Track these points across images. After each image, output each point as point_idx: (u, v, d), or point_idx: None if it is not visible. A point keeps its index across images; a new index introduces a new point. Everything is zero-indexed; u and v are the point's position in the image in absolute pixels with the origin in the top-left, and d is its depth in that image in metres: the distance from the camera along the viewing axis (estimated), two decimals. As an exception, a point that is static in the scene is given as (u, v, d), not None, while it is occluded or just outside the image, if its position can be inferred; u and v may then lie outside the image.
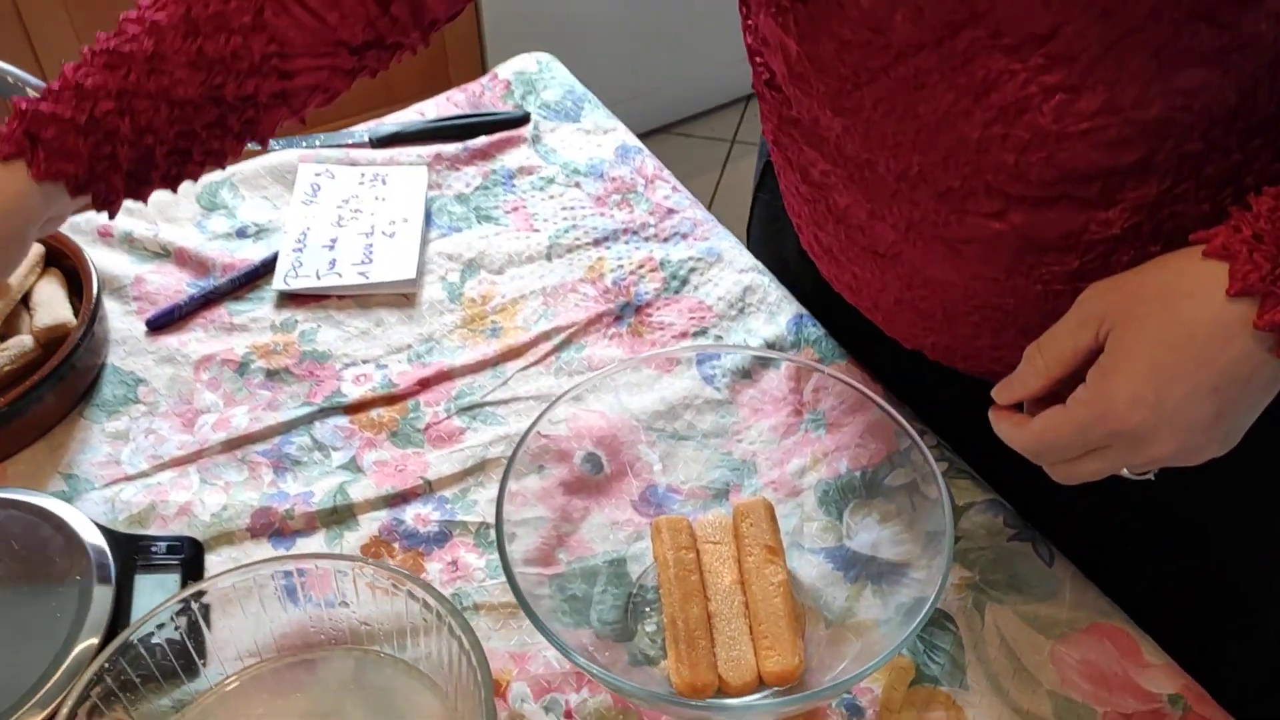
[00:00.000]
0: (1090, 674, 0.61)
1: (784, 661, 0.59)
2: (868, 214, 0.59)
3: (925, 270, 0.59)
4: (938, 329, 0.62)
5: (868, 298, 0.65)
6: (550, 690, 0.61)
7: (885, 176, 0.56)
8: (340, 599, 0.58)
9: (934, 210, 0.55)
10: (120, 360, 0.78)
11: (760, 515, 0.66)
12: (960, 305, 0.59)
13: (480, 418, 0.75)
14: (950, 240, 0.56)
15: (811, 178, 0.62)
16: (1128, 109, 0.48)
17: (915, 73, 0.51)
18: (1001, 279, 0.56)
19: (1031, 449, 0.51)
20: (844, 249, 0.63)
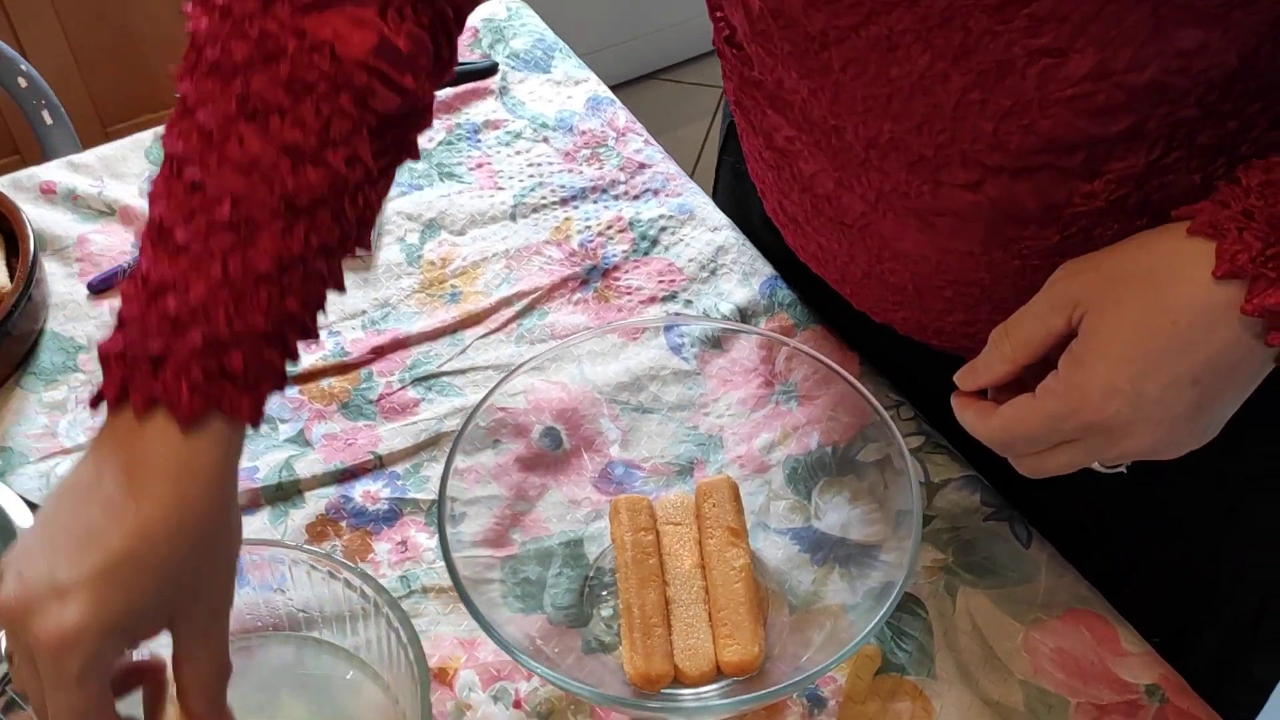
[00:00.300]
0: (1064, 662, 0.59)
1: (743, 651, 0.57)
2: (835, 183, 0.55)
3: (895, 243, 0.55)
4: (908, 304, 0.58)
5: (835, 269, 0.61)
6: (499, 678, 0.59)
7: (854, 144, 0.52)
8: (277, 585, 0.56)
9: (905, 180, 0.51)
10: (60, 325, 0.74)
11: (724, 495, 0.63)
12: (932, 279, 0.55)
13: (436, 388, 0.71)
14: (922, 212, 0.52)
15: (775, 143, 0.58)
16: (1119, 73, 0.44)
17: (888, 33, 0.47)
18: (976, 253, 0.52)
19: (997, 440, 0.48)
20: (810, 218, 0.59)
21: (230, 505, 0.46)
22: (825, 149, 0.54)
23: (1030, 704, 0.57)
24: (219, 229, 0.44)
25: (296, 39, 0.46)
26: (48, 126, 0.96)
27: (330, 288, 0.49)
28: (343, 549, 0.64)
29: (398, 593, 0.62)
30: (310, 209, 0.46)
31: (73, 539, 0.42)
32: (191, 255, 0.44)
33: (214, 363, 0.43)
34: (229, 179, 0.45)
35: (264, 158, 0.45)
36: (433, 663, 0.59)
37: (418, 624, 0.61)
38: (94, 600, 0.40)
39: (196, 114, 0.46)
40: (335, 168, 0.46)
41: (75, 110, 1.85)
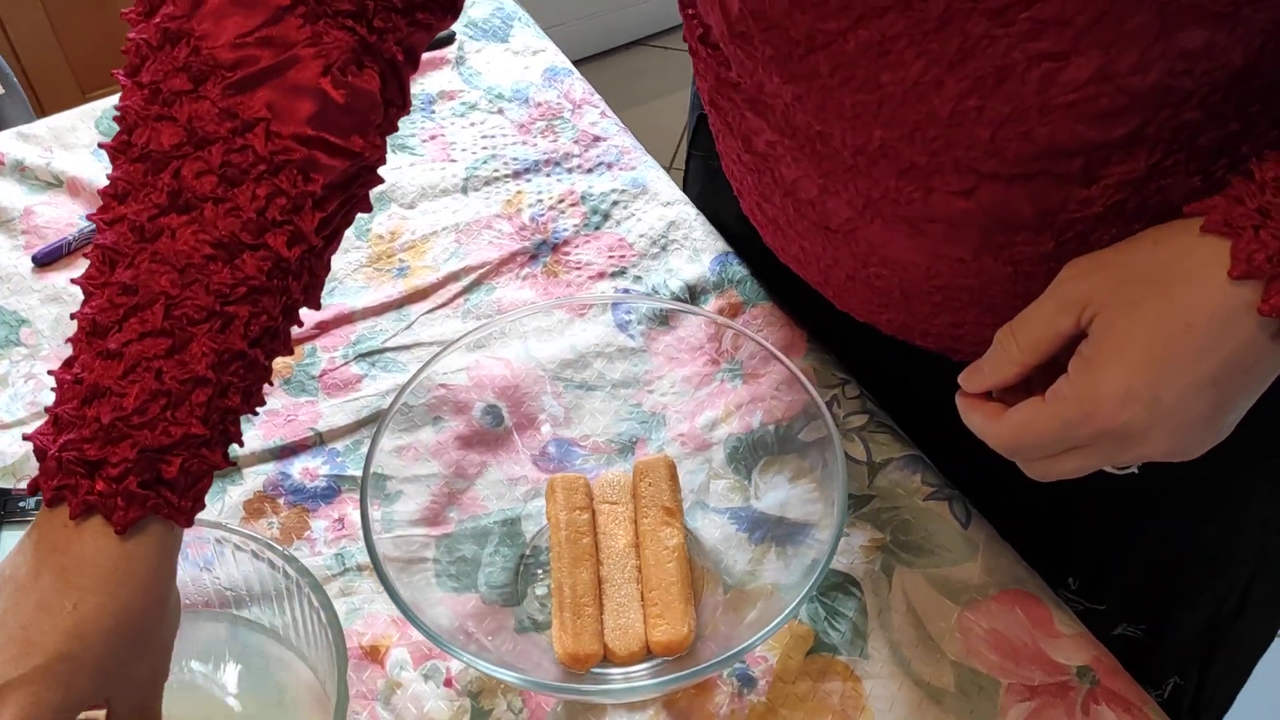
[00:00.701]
0: (997, 644, 0.59)
1: (672, 631, 0.56)
2: (819, 189, 0.53)
3: (883, 249, 0.53)
4: (894, 306, 0.56)
5: (817, 272, 0.59)
6: (430, 657, 0.59)
7: (841, 150, 0.50)
8: (205, 564, 0.56)
9: (895, 187, 0.49)
10: (4, 299, 0.74)
11: (660, 474, 0.62)
12: (920, 284, 0.53)
13: (380, 364, 0.71)
14: (912, 219, 0.50)
15: (755, 147, 0.55)
16: (1122, 76, 0.42)
17: (880, 38, 0.44)
18: (968, 259, 0.50)
19: (1006, 445, 0.46)
20: (792, 221, 0.57)
21: (166, 598, 0.46)
22: (809, 155, 0.51)
23: (961, 684, 0.57)
24: (152, 335, 0.44)
25: (229, 121, 0.44)
26: (0, 97, 0.95)
27: (279, 356, 0.48)
28: (280, 526, 0.64)
29: (332, 570, 0.62)
30: (250, 297, 0.45)
31: (12, 638, 0.43)
32: (125, 361, 0.44)
33: (150, 473, 0.44)
34: (160, 279, 0.44)
35: (196, 254, 0.44)
36: (365, 641, 0.59)
37: (351, 601, 0.61)
38: (31, 699, 0.42)
39: (127, 204, 0.45)
40: (276, 250, 0.45)
41: (53, 77, 1.84)
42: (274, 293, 0.46)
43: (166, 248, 0.44)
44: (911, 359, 0.61)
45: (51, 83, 1.82)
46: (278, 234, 0.45)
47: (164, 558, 0.45)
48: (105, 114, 0.85)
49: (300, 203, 0.46)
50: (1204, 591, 0.67)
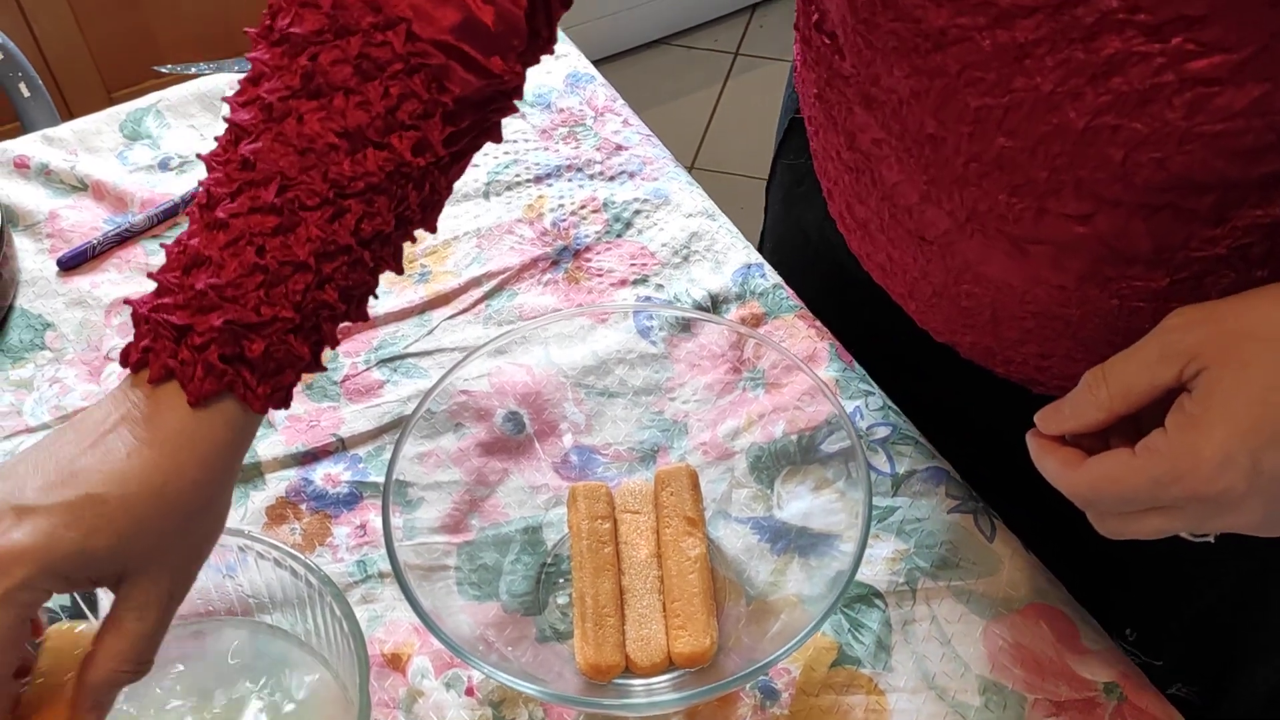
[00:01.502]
0: (1023, 658, 0.58)
1: (694, 643, 0.56)
2: (921, 195, 0.50)
3: (979, 266, 0.50)
4: (980, 328, 0.54)
5: (903, 284, 0.56)
6: (452, 665, 0.58)
7: (953, 157, 0.47)
8: (228, 570, 0.56)
9: (1005, 203, 0.46)
10: (29, 303, 0.74)
11: (682, 483, 0.62)
12: (1013, 308, 0.50)
13: (401, 370, 0.71)
14: (1017, 238, 0.47)
15: (859, 144, 0.53)
16: (1277, 112, 0.39)
17: (1020, 41, 0.42)
18: (1070, 288, 0.48)
19: (1083, 496, 0.44)
20: (884, 227, 0.54)
21: (220, 491, 0.45)
22: (917, 158, 0.49)
23: (986, 699, 0.57)
24: (262, 211, 0.43)
25: (372, 14, 0.44)
26: (25, 99, 0.95)
27: (386, 270, 0.48)
28: (302, 532, 0.64)
29: (354, 577, 0.62)
30: (366, 194, 0.45)
31: (58, 468, 0.41)
32: (230, 233, 0.43)
33: (233, 348, 0.43)
34: (281, 159, 0.44)
35: (320, 140, 0.44)
36: (386, 649, 0.59)
37: (373, 609, 0.61)
38: (48, 529, 0.40)
39: (261, 85, 0.45)
40: (400, 153, 0.45)
41: (79, 76, 1.85)
42: (391, 196, 0.45)
43: (292, 130, 0.44)
44: (983, 392, 0.58)
45: (77, 80, 1.83)
46: (404, 137, 0.45)
47: (231, 439, 0.44)
48: (130, 117, 0.85)
49: (431, 110, 0.45)
50: (1273, 656, 0.65)
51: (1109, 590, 0.62)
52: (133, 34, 1.83)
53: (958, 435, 0.67)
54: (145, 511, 0.41)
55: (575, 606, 0.58)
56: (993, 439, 0.52)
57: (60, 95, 1.83)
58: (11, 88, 0.95)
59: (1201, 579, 0.62)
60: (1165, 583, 0.63)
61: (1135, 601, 0.64)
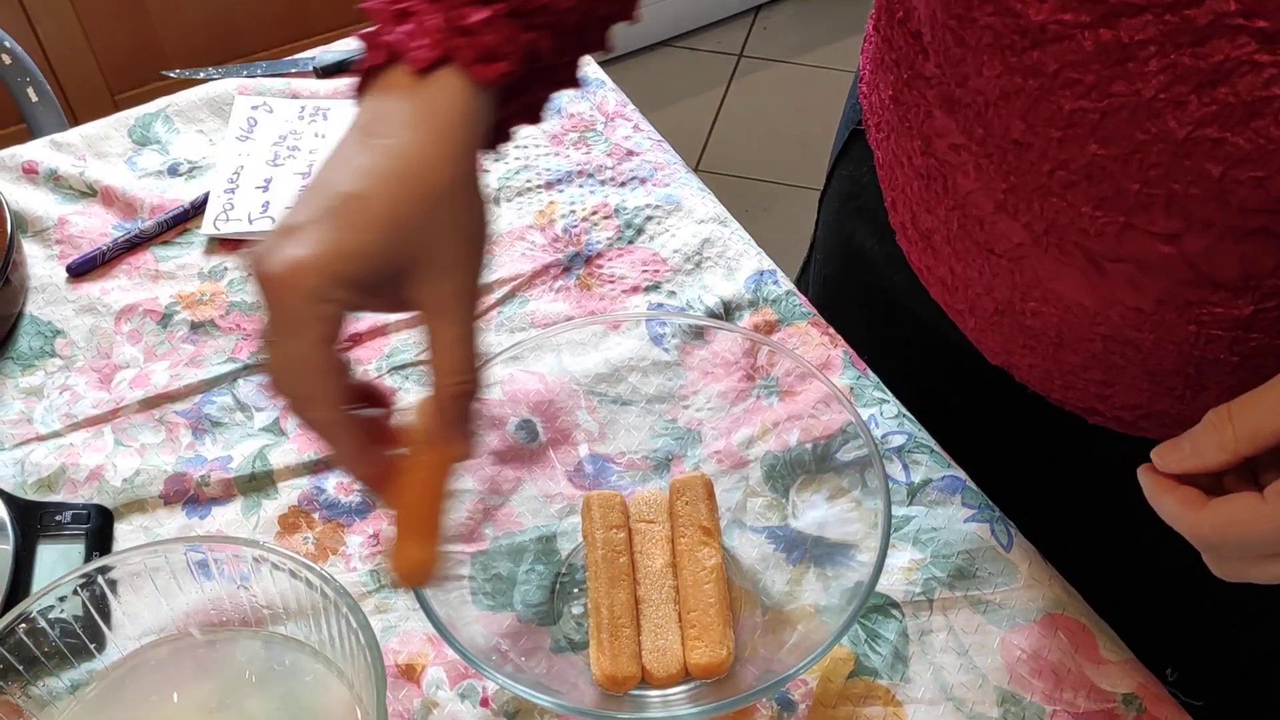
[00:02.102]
0: (1041, 669, 0.58)
1: (711, 654, 0.56)
2: (996, 205, 0.48)
3: (1050, 283, 0.48)
4: (1041, 350, 0.52)
5: (964, 299, 0.55)
6: (467, 676, 0.58)
7: (1039, 163, 0.45)
8: (241, 581, 0.55)
9: (1089, 216, 0.45)
10: (39, 309, 0.74)
11: (697, 493, 0.62)
12: (1081, 330, 0.49)
13: (414, 378, 0.71)
14: (1096, 255, 0.46)
15: (935, 150, 0.51)
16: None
17: (1125, 41, 0.40)
18: (1147, 311, 0.46)
19: (1207, 538, 0.41)
20: (951, 239, 0.53)
21: (468, 175, 0.44)
22: (998, 164, 0.47)
23: (1004, 710, 0.56)
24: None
25: None
26: (33, 104, 0.95)
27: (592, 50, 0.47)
28: (315, 541, 0.64)
29: (368, 587, 0.62)
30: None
31: (313, 189, 0.42)
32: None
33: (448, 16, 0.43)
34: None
35: None
36: (401, 659, 0.59)
37: (387, 619, 0.60)
38: (318, 237, 0.40)
39: None
40: None
41: (82, 79, 1.85)
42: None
43: None
44: (1034, 419, 0.57)
45: (80, 83, 1.83)
46: None
47: (463, 118, 0.43)
48: (139, 122, 0.85)
49: None
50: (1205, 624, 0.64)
51: (1156, 630, 0.60)
52: (136, 37, 1.83)
53: (990, 458, 0.65)
54: (403, 196, 0.42)
55: (590, 617, 0.58)
56: (1040, 467, 0.50)
57: (64, 98, 1.83)
58: (19, 93, 0.95)
59: (1259, 624, 0.60)
60: (1219, 627, 0.61)
61: (1181, 643, 0.62)
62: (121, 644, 0.56)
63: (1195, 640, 0.63)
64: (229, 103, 0.85)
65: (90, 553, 0.61)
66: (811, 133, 2.08)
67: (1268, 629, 0.61)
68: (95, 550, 0.62)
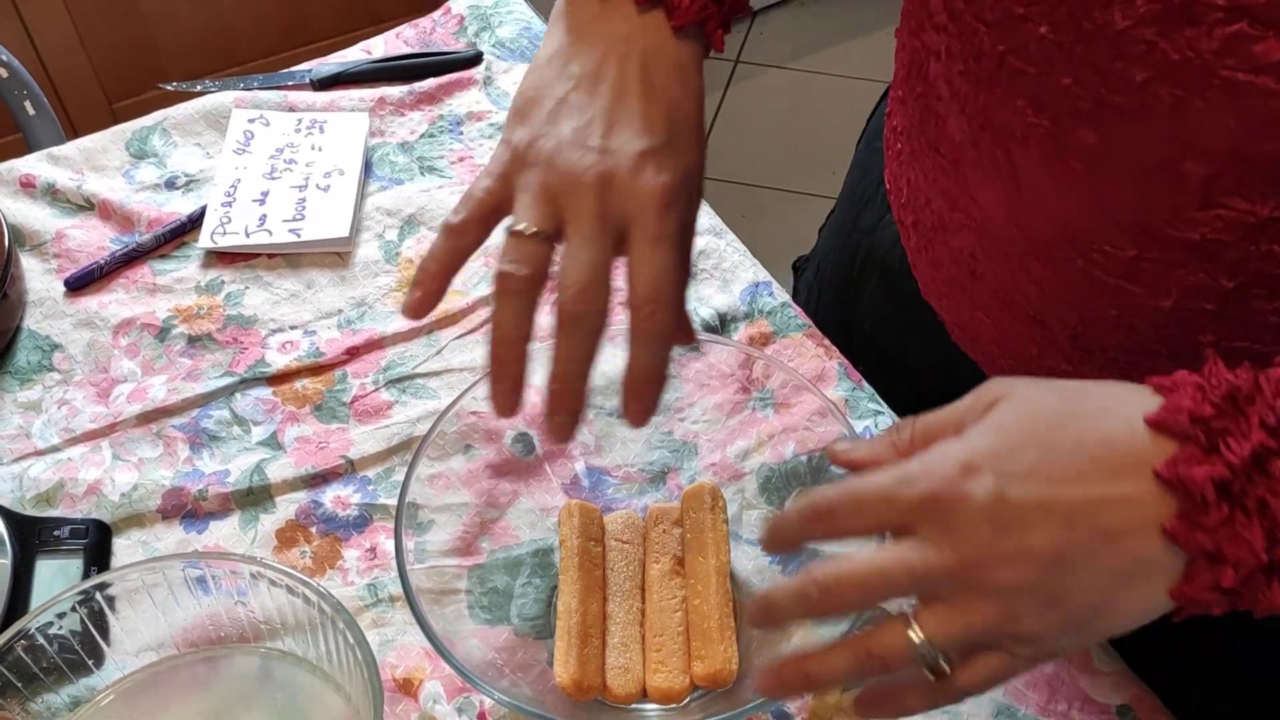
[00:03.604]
0: (1035, 681, 0.58)
1: (671, 680, 0.56)
2: (951, 92, 0.50)
3: (976, 191, 0.50)
4: (960, 281, 0.54)
5: (911, 210, 0.58)
6: (464, 690, 0.58)
7: (996, 44, 0.46)
8: (239, 597, 0.56)
9: (1022, 113, 0.46)
10: (37, 323, 0.74)
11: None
12: (992, 255, 0.51)
13: (410, 390, 0.71)
14: (1018, 168, 0.47)
15: (923, 35, 0.53)
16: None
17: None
18: (1046, 239, 0.48)
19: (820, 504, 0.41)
20: (912, 133, 0.55)
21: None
22: (964, 44, 0.48)
23: (999, 723, 0.57)
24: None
25: None
26: (30, 117, 0.95)
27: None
28: (312, 555, 0.64)
29: (365, 601, 0.62)
30: None
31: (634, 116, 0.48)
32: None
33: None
34: None
35: None
36: (398, 673, 0.59)
37: (384, 633, 0.61)
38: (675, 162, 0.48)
39: None
40: None
41: (80, 87, 1.85)
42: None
43: None
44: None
45: (78, 92, 1.83)
46: None
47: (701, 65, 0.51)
48: (136, 135, 0.85)
49: None
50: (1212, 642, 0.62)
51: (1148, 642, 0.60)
52: (134, 46, 1.83)
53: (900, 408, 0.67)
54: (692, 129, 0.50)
55: (560, 619, 0.57)
56: None
57: (62, 108, 1.83)
58: (17, 106, 0.95)
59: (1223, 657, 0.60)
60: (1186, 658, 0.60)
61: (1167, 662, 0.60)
62: (120, 660, 0.56)
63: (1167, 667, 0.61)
64: (226, 116, 0.86)
65: (88, 568, 0.61)
66: (808, 138, 2.08)
67: (1231, 663, 0.60)
68: (93, 565, 0.62)
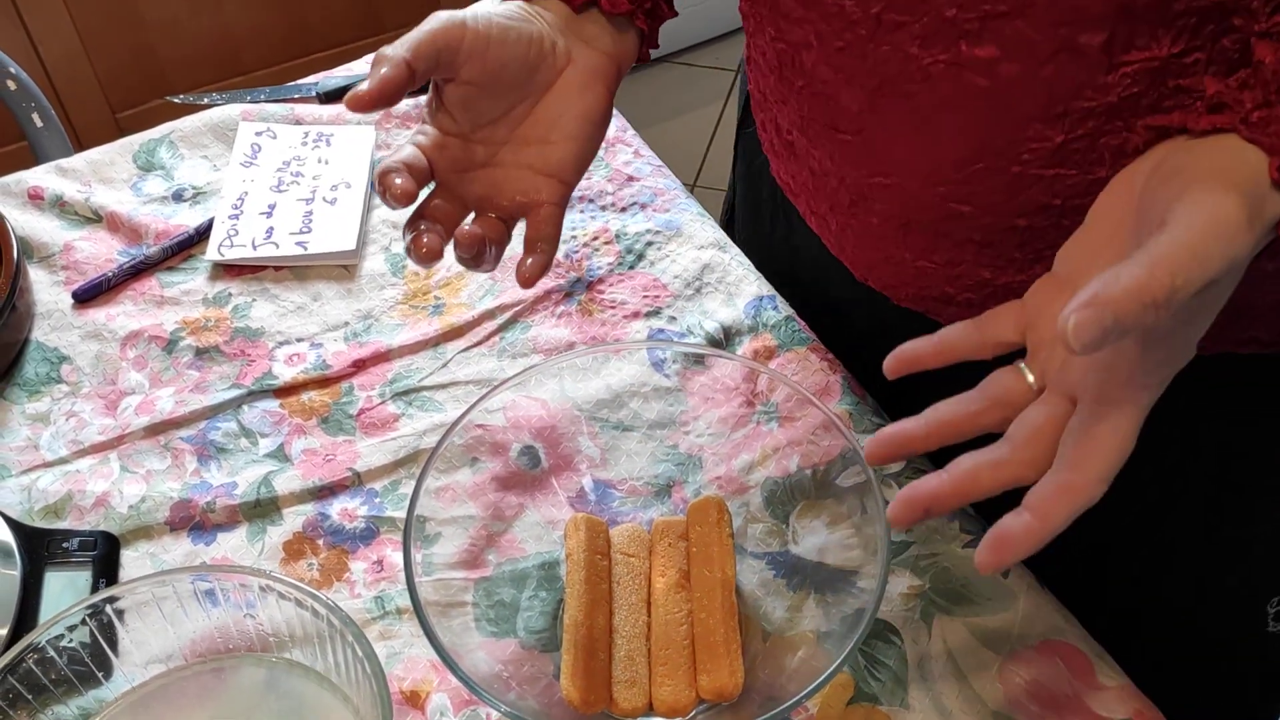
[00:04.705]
0: (1039, 694, 0.58)
1: (677, 693, 0.57)
2: (834, 69, 0.52)
3: (887, 151, 0.52)
4: (893, 240, 0.55)
5: (824, 199, 0.58)
6: (471, 703, 0.59)
7: (869, 6, 0.48)
8: (248, 609, 0.56)
9: (915, 58, 0.48)
10: (45, 335, 0.75)
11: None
12: (920, 202, 0.52)
13: (416, 403, 0.71)
14: (923, 109, 0.49)
15: (785, 34, 0.54)
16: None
17: None
18: (971, 160, 0.49)
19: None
20: (805, 126, 0.56)
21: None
22: (833, 25, 0.50)
23: (1002, 736, 0.57)
24: None
25: None
26: (38, 129, 0.96)
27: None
28: (319, 567, 0.64)
29: (372, 613, 0.62)
30: None
31: None
32: None
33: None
34: None
35: None
36: (405, 685, 0.59)
37: (391, 645, 0.61)
38: None
39: None
40: None
41: (84, 97, 1.86)
42: None
43: None
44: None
45: (83, 102, 1.84)
46: None
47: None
48: (143, 148, 0.86)
49: None
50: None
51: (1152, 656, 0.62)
52: (137, 55, 1.84)
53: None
54: None
55: (566, 633, 0.58)
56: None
57: (66, 118, 1.83)
58: (24, 118, 0.96)
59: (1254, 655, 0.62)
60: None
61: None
62: (129, 672, 0.57)
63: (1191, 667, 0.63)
64: (233, 128, 0.86)
65: (97, 580, 0.62)
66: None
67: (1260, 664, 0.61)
68: (102, 577, 0.62)
